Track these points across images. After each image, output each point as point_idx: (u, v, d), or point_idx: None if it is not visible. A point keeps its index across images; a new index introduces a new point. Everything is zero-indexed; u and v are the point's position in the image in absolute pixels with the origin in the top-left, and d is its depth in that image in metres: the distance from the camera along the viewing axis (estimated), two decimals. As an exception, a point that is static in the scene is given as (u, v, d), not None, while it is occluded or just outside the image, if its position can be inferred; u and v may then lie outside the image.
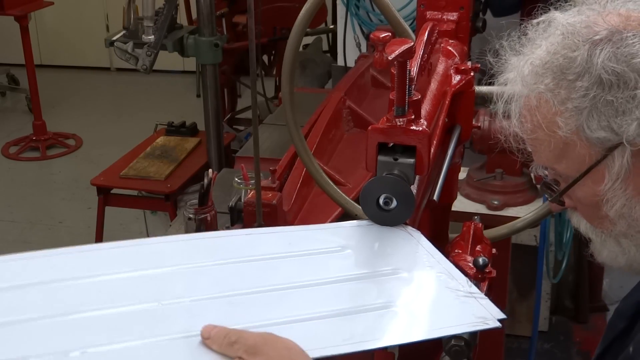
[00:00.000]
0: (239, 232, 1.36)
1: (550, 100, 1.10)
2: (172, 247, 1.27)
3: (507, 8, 3.27)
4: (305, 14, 1.74)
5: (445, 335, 1.17)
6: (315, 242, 1.32)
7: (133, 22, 3.48)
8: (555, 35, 1.12)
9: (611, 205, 1.11)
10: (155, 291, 1.14)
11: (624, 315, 1.16)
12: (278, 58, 5.28)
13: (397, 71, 1.30)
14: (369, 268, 1.26)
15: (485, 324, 1.15)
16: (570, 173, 1.14)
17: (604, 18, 1.10)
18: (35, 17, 7.06)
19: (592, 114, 1.07)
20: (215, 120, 3.69)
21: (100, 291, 1.13)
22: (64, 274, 1.16)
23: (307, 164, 1.81)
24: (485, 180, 2.89)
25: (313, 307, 1.16)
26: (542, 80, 1.11)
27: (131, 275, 1.18)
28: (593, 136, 1.08)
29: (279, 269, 1.24)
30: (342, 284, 1.22)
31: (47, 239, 4.79)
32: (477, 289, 1.23)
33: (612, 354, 1.17)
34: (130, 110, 6.74)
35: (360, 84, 2.99)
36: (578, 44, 1.08)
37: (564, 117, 1.09)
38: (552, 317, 3.64)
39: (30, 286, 1.12)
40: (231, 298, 1.15)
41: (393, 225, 1.34)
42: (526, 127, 1.16)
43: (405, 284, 1.24)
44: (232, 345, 1.03)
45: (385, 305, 1.17)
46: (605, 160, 1.09)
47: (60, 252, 1.21)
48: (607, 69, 1.05)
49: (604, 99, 1.06)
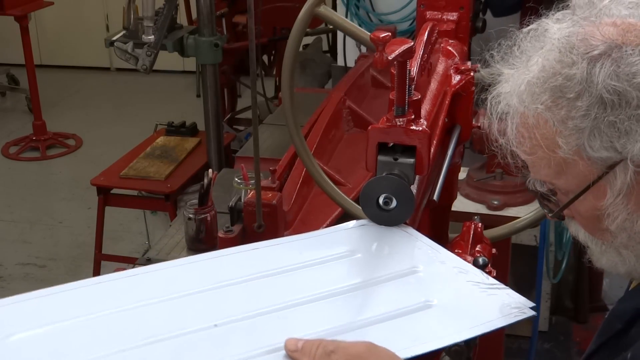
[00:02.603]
0: (246, 248, 1.34)
1: (550, 121, 1.06)
2: (188, 270, 1.26)
3: (507, 8, 3.27)
4: (305, 14, 1.74)
5: (497, 327, 1.16)
6: (323, 248, 1.32)
7: (133, 22, 3.47)
8: (551, 50, 1.08)
9: (612, 219, 1.09)
10: (196, 315, 1.13)
11: (621, 318, 1.15)
12: (278, 58, 5.28)
13: (397, 71, 1.30)
14: (386, 270, 1.26)
15: (524, 313, 1.17)
16: (570, 188, 1.11)
17: (600, 30, 1.05)
18: (35, 17, 7.06)
19: (593, 133, 1.03)
20: (215, 120, 3.68)
21: (146, 321, 1.12)
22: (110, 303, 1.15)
23: (307, 164, 1.81)
24: (485, 180, 2.89)
25: (360, 312, 1.16)
26: (539, 99, 1.07)
27: (151, 304, 1.16)
28: (595, 155, 1.05)
29: (301, 280, 1.24)
30: (372, 288, 1.22)
31: (47, 239, 4.79)
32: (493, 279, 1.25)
33: (607, 351, 1.16)
34: (130, 110, 6.74)
35: (360, 84, 2.99)
36: (576, 60, 1.04)
37: (564, 137, 1.06)
38: (552, 317, 3.64)
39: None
40: (279, 312, 1.15)
41: (393, 225, 1.34)
42: (524, 145, 1.12)
43: (430, 282, 1.25)
44: (330, 356, 1.01)
45: (426, 304, 1.18)
46: (607, 176, 1.06)
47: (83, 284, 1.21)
48: (608, 88, 1.01)
49: (606, 119, 1.02)
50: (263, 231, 1.98)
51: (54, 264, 4.50)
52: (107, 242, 4.02)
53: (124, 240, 4.66)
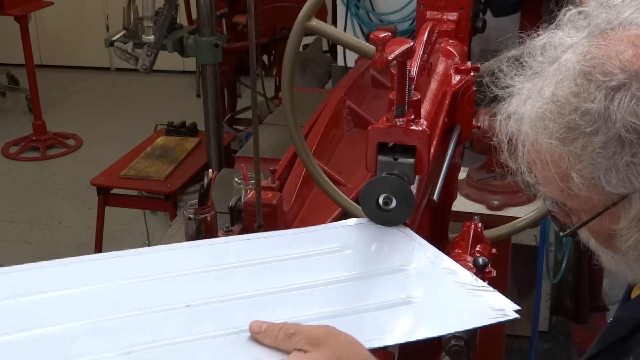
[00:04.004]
0: (238, 238, 1.37)
1: (565, 156, 1.02)
2: (175, 255, 1.28)
3: (507, 8, 3.27)
4: (305, 13, 1.74)
5: (472, 327, 1.17)
6: (314, 243, 1.32)
7: (133, 22, 3.47)
8: (565, 79, 1.02)
9: (625, 240, 1.06)
10: (172, 296, 1.15)
11: (627, 326, 1.14)
12: (278, 58, 5.28)
13: (397, 71, 1.30)
14: (374, 266, 1.27)
15: (505, 316, 1.17)
16: (583, 209, 1.08)
17: (617, 53, 0.99)
18: (35, 17, 7.06)
19: (610, 170, 1.00)
20: (215, 120, 3.68)
21: (129, 296, 1.15)
22: (86, 280, 1.20)
23: (307, 164, 1.81)
24: (485, 180, 2.89)
25: (336, 304, 1.17)
26: (554, 134, 1.02)
27: (133, 282, 1.19)
28: (610, 190, 1.02)
29: (284, 270, 1.24)
30: (355, 282, 1.23)
31: (47, 239, 4.79)
32: (483, 282, 1.25)
33: (608, 354, 1.16)
34: (130, 110, 6.74)
35: (360, 84, 2.99)
36: (592, 92, 0.99)
37: (578, 171, 1.02)
38: (552, 317, 3.64)
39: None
40: (254, 298, 1.16)
41: (393, 225, 1.34)
42: (536, 171, 1.08)
43: (416, 280, 1.25)
44: (291, 338, 1.02)
45: (406, 300, 1.19)
46: (622, 202, 1.03)
47: (70, 261, 1.26)
48: (627, 127, 0.97)
49: (624, 159, 0.98)
50: (263, 231, 1.98)
51: (54, 264, 4.50)
52: (107, 242, 4.02)
53: (124, 240, 4.66)
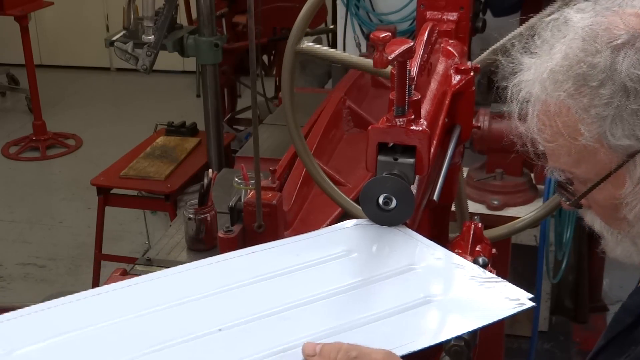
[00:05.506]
0: (243, 252, 1.34)
1: (572, 108, 1.07)
2: (186, 278, 1.26)
3: (507, 8, 3.27)
4: (305, 14, 1.74)
5: (496, 319, 1.17)
6: (320, 249, 1.32)
7: (133, 22, 3.48)
8: (574, 39, 1.09)
9: (630, 208, 1.09)
10: (200, 321, 1.13)
11: (633, 312, 1.15)
12: (278, 58, 5.28)
13: (397, 71, 1.30)
14: (383, 267, 1.27)
15: (523, 305, 1.17)
16: (589, 176, 1.12)
17: (623, 19, 1.06)
18: (35, 17, 7.06)
19: (615, 121, 1.05)
20: (215, 120, 3.68)
21: (155, 328, 1.12)
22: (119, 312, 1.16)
23: (307, 164, 1.81)
24: (485, 180, 2.89)
25: (361, 310, 1.16)
26: (562, 87, 1.08)
27: (154, 312, 1.16)
28: (616, 143, 1.06)
29: (298, 282, 1.24)
30: (370, 286, 1.22)
31: (47, 239, 4.79)
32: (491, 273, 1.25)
33: (616, 346, 1.16)
34: (130, 110, 6.74)
35: (360, 84, 3.00)
36: (599, 48, 1.05)
37: (586, 125, 1.07)
38: (552, 317, 3.64)
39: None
40: (281, 314, 1.15)
41: (393, 225, 1.34)
42: (545, 133, 1.13)
43: (428, 278, 1.26)
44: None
45: (426, 300, 1.19)
46: (627, 165, 1.07)
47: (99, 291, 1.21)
48: (632, 77, 1.03)
49: (629, 107, 1.03)
50: (263, 231, 1.98)
51: (53, 264, 4.50)
52: (107, 242, 4.02)
53: (124, 240, 4.66)
